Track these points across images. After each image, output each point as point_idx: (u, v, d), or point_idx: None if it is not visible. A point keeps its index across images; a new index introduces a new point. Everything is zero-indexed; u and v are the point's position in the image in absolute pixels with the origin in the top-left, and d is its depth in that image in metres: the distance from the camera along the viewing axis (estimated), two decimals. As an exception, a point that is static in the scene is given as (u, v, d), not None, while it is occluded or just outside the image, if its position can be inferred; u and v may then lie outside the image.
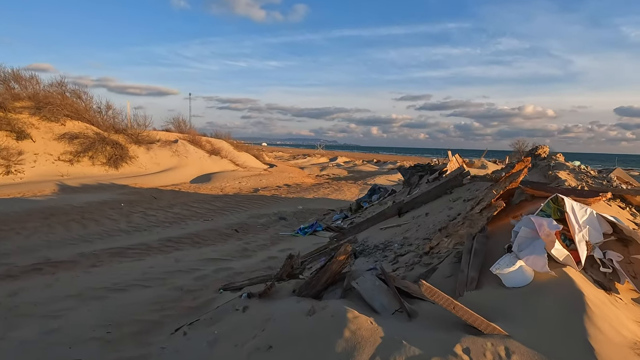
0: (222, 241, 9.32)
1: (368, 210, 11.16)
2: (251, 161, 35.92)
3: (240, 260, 6.43)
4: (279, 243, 8.24)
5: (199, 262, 6.15)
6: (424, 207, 5.08)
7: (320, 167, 42.64)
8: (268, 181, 24.20)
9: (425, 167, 11.39)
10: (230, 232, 10.46)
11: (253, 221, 12.18)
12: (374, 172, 39.25)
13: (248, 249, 7.49)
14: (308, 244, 7.83)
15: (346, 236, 5.99)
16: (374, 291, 2.52)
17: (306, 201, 17.38)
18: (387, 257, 3.84)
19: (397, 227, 4.97)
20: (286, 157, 63.53)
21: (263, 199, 16.98)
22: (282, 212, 14.02)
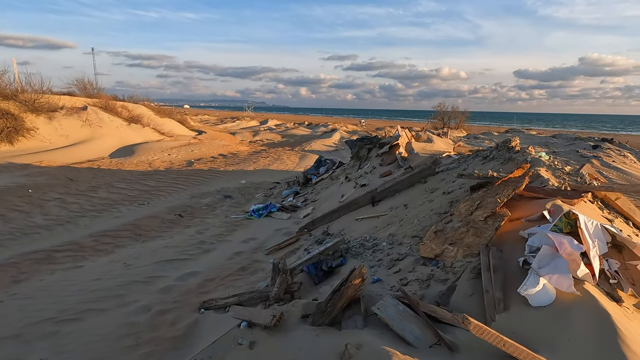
0: (168, 230, 8.50)
1: (320, 184, 11.06)
2: (177, 128, 33.12)
3: (201, 257, 5.90)
4: (235, 230, 7.76)
5: (155, 266, 5.48)
6: (400, 197, 5.08)
7: (252, 132, 41.14)
8: (201, 151, 22.61)
9: (373, 140, 11.50)
10: (173, 217, 9.59)
11: (196, 202, 11.33)
12: (308, 137, 39.14)
13: (204, 240, 6.91)
14: (269, 230, 7.50)
15: (316, 225, 5.82)
16: (402, 319, 2.41)
17: (248, 174, 16.68)
18: (381, 260, 3.76)
19: (375, 219, 4.92)
20: (213, 121, 59.96)
21: (200, 173, 15.85)
22: (225, 189, 13.27)
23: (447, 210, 4.07)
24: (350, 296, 2.71)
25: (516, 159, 4.12)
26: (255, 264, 5.22)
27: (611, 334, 2.03)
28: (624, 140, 30.70)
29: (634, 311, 2.38)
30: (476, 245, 2.97)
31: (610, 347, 1.96)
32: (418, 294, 2.82)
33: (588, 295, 2.30)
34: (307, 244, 5.37)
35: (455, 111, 43.56)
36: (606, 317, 2.13)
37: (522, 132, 40.13)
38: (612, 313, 2.17)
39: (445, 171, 4.96)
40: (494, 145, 4.84)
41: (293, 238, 5.75)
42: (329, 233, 5.27)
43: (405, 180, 5.11)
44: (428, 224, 4.03)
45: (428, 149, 9.53)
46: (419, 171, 5.03)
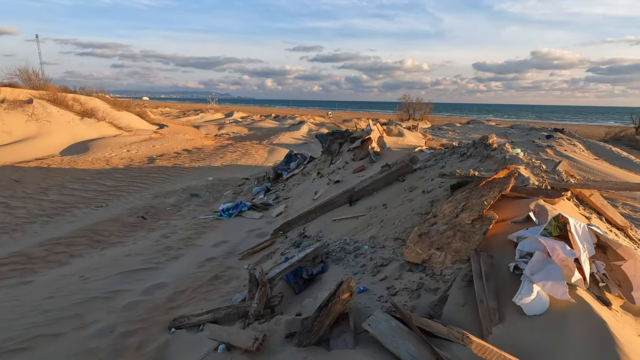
0: (130, 235, 7.93)
1: (291, 181, 10.79)
2: (136, 122, 31.35)
3: (169, 266, 5.48)
4: (205, 232, 7.34)
5: (117, 278, 5.01)
6: (378, 196, 4.95)
7: (217, 125, 39.90)
8: (163, 147, 21.52)
9: (344, 134, 11.36)
10: (136, 220, 8.98)
11: (160, 202, 10.70)
12: (276, 129, 38.57)
13: (171, 246, 6.46)
14: (241, 232, 7.17)
15: (292, 227, 5.57)
16: (396, 336, 2.26)
17: (215, 170, 16.05)
18: (365, 266, 3.59)
19: (354, 220, 4.76)
20: (175, 114, 57.61)
21: (163, 171, 15.04)
22: (191, 187, 12.66)
23: (428, 210, 3.99)
24: (338, 312, 2.53)
25: (494, 157, 4.11)
26: (229, 272, 4.91)
27: (609, 344, 1.99)
28: (572, 130, 32.77)
29: (623, 314, 2.38)
30: (465, 250, 2.89)
31: (610, 357, 1.92)
32: (408, 305, 2.69)
33: (582, 301, 2.26)
34: (284, 247, 5.13)
35: (420, 103, 44.56)
36: (602, 325, 2.09)
37: (482, 123, 41.80)
38: (606, 320, 2.13)
39: (423, 169, 4.89)
40: (471, 142, 4.82)
41: (268, 241, 5.48)
42: (306, 235, 5.05)
43: (383, 179, 4.99)
44: (410, 225, 3.92)
45: (400, 143, 9.52)
46: (397, 169, 4.93)
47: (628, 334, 2.16)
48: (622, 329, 2.15)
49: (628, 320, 2.33)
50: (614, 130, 33.51)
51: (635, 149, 26.57)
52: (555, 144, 25.57)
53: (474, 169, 4.25)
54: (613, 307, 2.38)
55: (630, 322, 2.33)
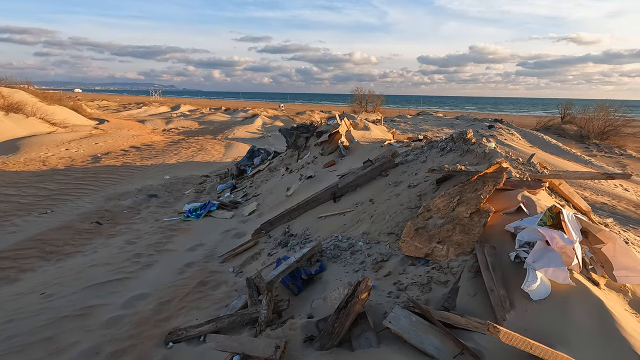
0: (87, 243, 7.28)
1: (258, 177, 10.55)
2: (72, 117, 28.68)
3: (144, 275, 5.11)
4: (174, 235, 6.94)
5: (86, 293, 4.57)
6: (362, 192, 5.00)
7: (164, 119, 37.80)
8: (107, 144, 19.94)
9: (310, 128, 11.32)
10: (90, 226, 8.27)
11: (115, 205, 9.93)
12: (228, 123, 37.45)
13: (140, 252, 6.02)
14: (214, 233, 6.89)
15: (274, 226, 5.45)
16: (418, 331, 2.32)
17: (170, 168, 15.21)
18: (364, 263, 3.62)
19: (341, 216, 4.77)
20: (115, 107, 53.61)
21: (113, 170, 13.95)
22: (148, 187, 11.90)
23: (417, 204, 4.13)
24: (357, 312, 2.54)
25: (474, 151, 4.36)
26: (215, 276, 4.70)
27: (608, 319, 2.22)
28: (509, 120, 35.61)
29: (608, 291, 2.67)
30: (466, 242, 3.04)
31: (614, 335, 2.15)
32: (422, 299, 2.78)
33: (580, 284, 2.49)
34: (269, 247, 5.02)
35: (372, 95, 45.64)
36: (600, 304, 2.33)
37: (431, 115, 43.92)
38: (602, 299, 2.38)
39: (405, 163, 5.04)
40: (449, 137, 5.05)
41: (251, 241, 5.32)
42: (291, 234, 4.98)
43: (366, 174, 5.05)
44: (401, 220, 4.04)
45: (367, 137, 9.70)
46: (380, 165, 5.02)
47: (620, 309, 2.43)
48: (614, 305, 2.42)
49: (614, 297, 2.62)
50: (543, 120, 37.03)
51: (561, 137, 29.56)
52: (496, 133, 27.66)
53: (454, 163, 4.47)
54: (601, 286, 2.67)
55: (616, 298, 2.63)
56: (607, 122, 29.43)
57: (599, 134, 29.50)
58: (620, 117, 29.51)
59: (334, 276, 3.58)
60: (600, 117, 30.26)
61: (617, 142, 27.10)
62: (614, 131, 29.15)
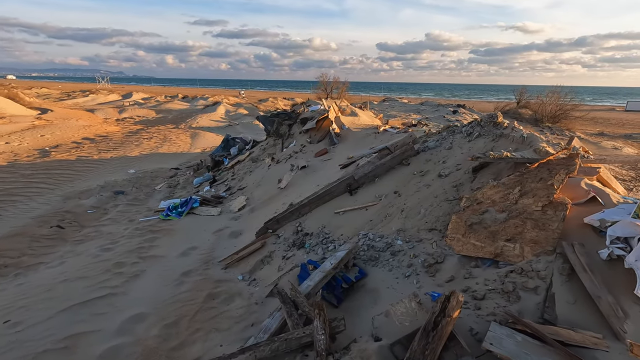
0: (50, 252, 6.25)
1: (239, 168, 9.75)
2: (9, 107, 25.58)
3: (133, 288, 4.32)
4: (158, 238, 6.10)
5: (65, 317, 3.74)
6: (383, 183, 4.53)
7: (116, 108, 34.99)
8: (55, 136, 17.91)
9: (292, 115, 10.63)
10: (50, 231, 7.16)
11: (76, 205, 8.74)
12: (188, 111, 35.50)
13: (122, 261, 5.16)
14: (205, 234, 6.14)
15: (282, 224, 4.84)
16: (529, 354, 1.93)
17: (133, 161, 13.86)
18: (413, 265, 3.18)
19: (363, 211, 4.28)
20: (57, 96, 49.04)
21: (67, 165, 12.42)
22: (111, 183, 10.69)
23: (455, 195, 3.76)
24: (448, 334, 2.10)
25: (509, 135, 4.05)
26: (223, 286, 4.04)
27: None
28: (470, 105, 36.80)
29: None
30: (544, 240, 2.69)
31: None
32: (512, 311, 2.39)
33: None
34: (281, 249, 4.43)
35: (337, 81, 45.21)
36: None
37: (396, 101, 44.39)
38: None
39: (427, 151, 4.63)
40: (475, 121, 4.71)
41: (257, 243, 4.69)
42: (306, 232, 4.42)
43: (385, 164, 4.59)
44: (441, 214, 3.64)
45: (357, 123, 9.24)
46: (401, 152, 4.58)
47: None
48: None
49: None
50: (500, 105, 38.80)
51: (518, 120, 31.05)
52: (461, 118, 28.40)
53: (488, 149, 4.14)
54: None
55: None
56: (558, 107, 31.47)
57: (551, 117, 31.47)
58: (569, 102, 31.69)
59: (383, 283, 3.12)
60: (552, 102, 32.27)
61: (567, 125, 28.94)
62: (563, 115, 31.27)
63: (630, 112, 43.52)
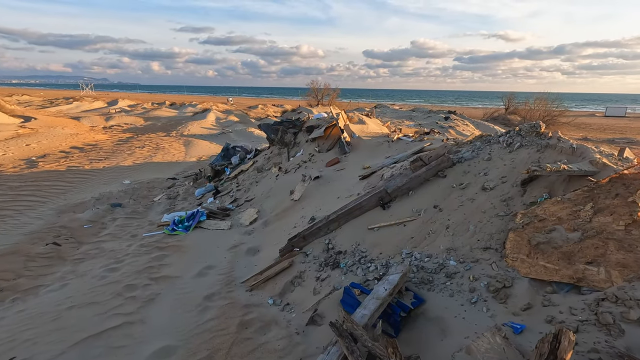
0: (48, 272, 5.78)
1: (243, 178, 9.38)
2: (-10, 114, 24.53)
3: (151, 316, 3.91)
4: (167, 255, 5.68)
5: (78, 352, 3.31)
6: (418, 196, 4.27)
7: (102, 116, 34.13)
8: (42, 145, 17.18)
9: (296, 123, 10.35)
10: (46, 249, 6.66)
11: (71, 219, 8.22)
12: (177, 118, 34.93)
13: (132, 284, 4.74)
14: (219, 250, 5.75)
15: (308, 240, 4.52)
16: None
17: (127, 171, 13.31)
18: (476, 290, 2.90)
19: (400, 227, 3.99)
20: (39, 103, 47.71)
21: (57, 176, 11.81)
22: (107, 195, 10.16)
23: (506, 211, 3.53)
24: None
25: (557, 146, 3.85)
26: (253, 312, 3.68)
27: None
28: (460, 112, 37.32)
29: None
30: (634, 263, 2.47)
31: None
32: (617, 347, 2.14)
33: None
34: (311, 268, 4.10)
35: (328, 88, 45.27)
36: None
37: (388, 107, 44.61)
38: None
39: (463, 162, 4.40)
40: (513, 131, 4.52)
41: (284, 261, 4.36)
42: (339, 251, 4.10)
43: (420, 176, 4.35)
44: (494, 231, 3.41)
45: (366, 131, 9.02)
46: (437, 164, 4.34)
47: None
48: None
49: None
50: (489, 111, 39.44)
51: (508, 126, 31.61)
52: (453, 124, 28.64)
53: (534, 161, 3.94)
54: None
55: None
56: (546, 113, 32.30)
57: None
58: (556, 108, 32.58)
59: (447, 311, 2.84)
60: (540, 108, 33.09)
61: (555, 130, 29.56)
62: (551, 120, 32.12)
63: (610, 117, 44.89)
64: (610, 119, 42.72)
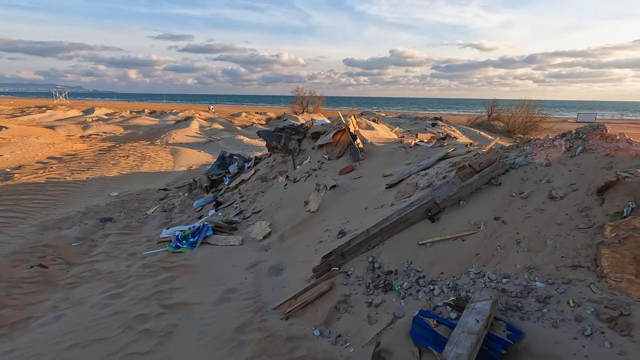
0: (37, 301, 5.02)
1: (247, 188, 8.78)
2: (-44, 123, 22.94)
3: (173, 353, 3.31)
4: (176, 277, 5.03)
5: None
6: (471, 207, 3.85)
7: (79, 124, 32.67)
8: (16, 155, 15.97)
9: (299, 129, 9.85)
10: (31, 272, 5.87)
11: (56, 237, 7.40)
12: (159, 126, 33.81)
13: (143, 314, 4.07)
14: (236, 270, 5.14)
15: (346, 259, 4.01)
16: None
17: (113, 182, 12.42)
18: (584, 320, 2.43)
19: (458, 242, 3.55)
20: (9, 112, 45.48)
21: (37, 189, 10.83)
22: (94, 209, 9.33)
23: (586, 222, 3.16)
24: None
25: (628, 149, 3.55)
26: (300, 347, 3.11)
27: None
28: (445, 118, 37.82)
29: None
30: None
31: None
32: None
33: None
34: (357, 291, 3.58)
35: (313, 96, 45.13)
36: None
37: (374, 114, 44.78)
38: None
39: (517, 168, 4.03)
40: (570, 134, 4.19)
41: (323, 284, 3.83)
42: (389, 270, 3.61)
43: (472, 184, 3.95)
44: (578, 246, 3.02)
45: (377, 137, 8.62)
46: (490, 171, 3.95)
47: None
48: None
49: None
50: (472, 118, 40.23)
51: (492, 132, 32.19)
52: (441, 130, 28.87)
53: (604, 165, 3.61)
54: None
55: None
56: (527, 119, 33.21)
57: (522, 128, 33.11)
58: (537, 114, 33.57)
59: (559, 347, 2.37)
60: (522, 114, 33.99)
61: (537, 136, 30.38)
62: (533, 126, 33.06)
63: (581, 123, 46.63)
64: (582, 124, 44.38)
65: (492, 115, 38.52)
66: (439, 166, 5.47)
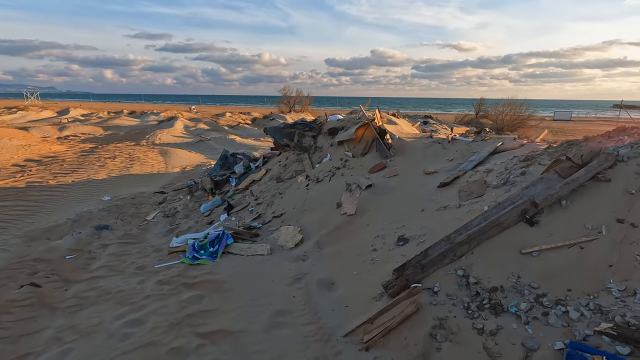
0: (31, 331, 4.11)
1: (260, 189, 7.95)
2: None
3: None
4: (204, 296, 4.20)
5: None
6: (579, 208, 3.23)
7: (55, 126, 30.84)
8: (-12, 158, 14.53)
9: (312, 126, 9.11)
10: (21, 293, 4.91)
11: (47, 249, 6.41)
12: (141, 127, 32.33)
13: (176, 346, 3.27)
14: (277, 286, 4.36)
15: (427, 272, 3.29)
16: None
17: (102, 185, 11.32)
18: None
19: (574, 249, 2.93)
20: (-25, 113, 42.68)
21: (18, 195, 9.65)
22: (86, 215, 8.31)
23: None
24: None
25: None
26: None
27: None
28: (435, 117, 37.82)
29: None
30: None
31: None
32: None
33: None
34: (454, 312, 2.88)
35: (300, 95, 44.41)
36: None
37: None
38: None
39: (626, 161, 3.46)
40: None
41: (405, 303, 3.12)
42: (494, 287, 2.92)
43: (577, 180, 3.35)
44: None
45: (403, 132, 8.00)
46: (599, 164, 3.36)
47: None
48: None
49: None
50: (460, 116, 40.48)
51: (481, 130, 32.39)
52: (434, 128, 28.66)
53: None
54: None
55: None
56: (515, 116, 33.69)
57: (510, 126, 33.53)
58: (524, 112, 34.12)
59: None
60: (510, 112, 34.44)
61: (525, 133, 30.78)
62: (520, 123, 33.55)
63: (558, 120, 47.62)
64: (558, 122, 45.19)
65: (480, 114, 38.89)
66: (501, 161, 4.88)
